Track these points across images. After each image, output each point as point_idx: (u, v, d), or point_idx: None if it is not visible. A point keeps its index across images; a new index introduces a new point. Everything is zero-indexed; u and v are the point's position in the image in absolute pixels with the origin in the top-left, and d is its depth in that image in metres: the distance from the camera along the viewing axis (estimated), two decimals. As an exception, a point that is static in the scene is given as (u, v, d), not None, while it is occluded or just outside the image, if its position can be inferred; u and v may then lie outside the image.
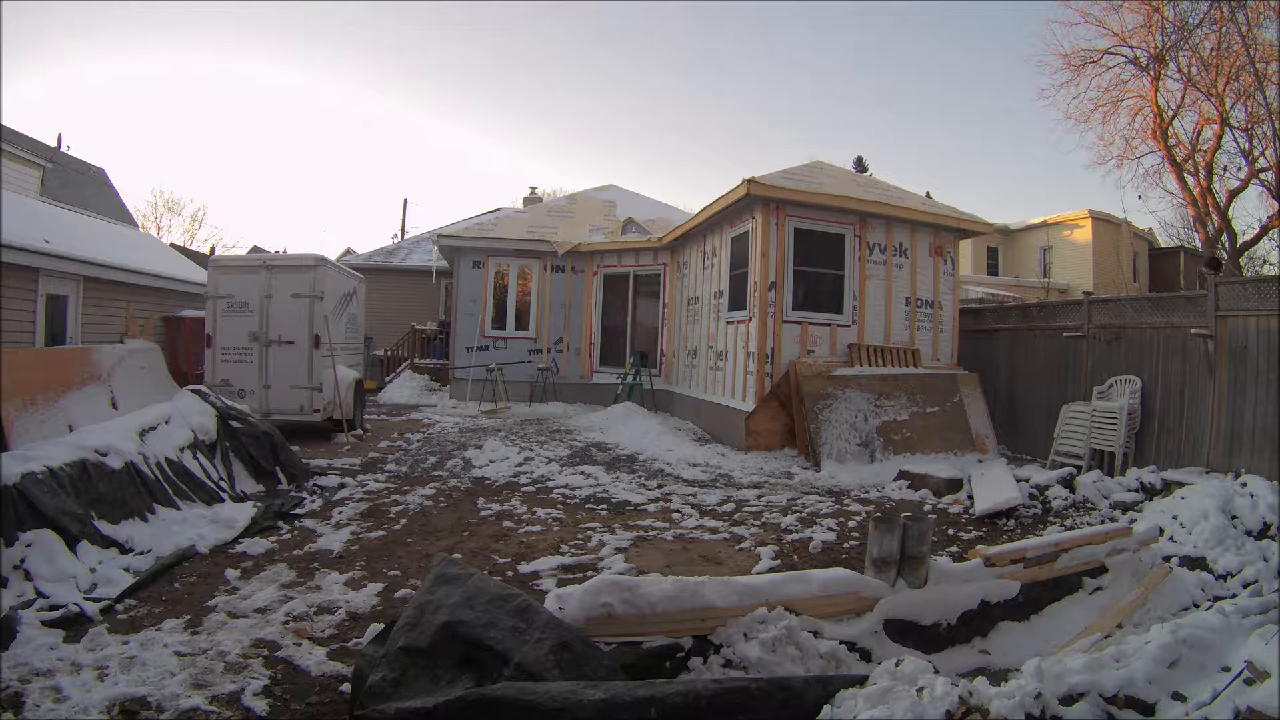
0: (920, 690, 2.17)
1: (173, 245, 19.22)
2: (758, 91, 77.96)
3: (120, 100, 57.25)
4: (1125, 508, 6.04)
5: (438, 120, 78.22)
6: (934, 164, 67.60)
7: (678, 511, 5.81)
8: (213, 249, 28.69)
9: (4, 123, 18.59)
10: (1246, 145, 15.77)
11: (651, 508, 5.95)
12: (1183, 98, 16.31)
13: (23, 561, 3.55)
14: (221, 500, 5.39)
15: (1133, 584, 3.82)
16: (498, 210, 22.74)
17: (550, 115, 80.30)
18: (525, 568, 4.32)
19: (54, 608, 3.32)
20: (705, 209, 10.38)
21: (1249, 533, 5.02)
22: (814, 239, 9.14)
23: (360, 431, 9.55)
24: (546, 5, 71.08)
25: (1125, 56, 16.81)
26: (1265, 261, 21.53)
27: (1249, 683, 2.19)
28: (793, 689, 2.26)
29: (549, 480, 6.86)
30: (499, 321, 14.00)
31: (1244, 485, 5.52)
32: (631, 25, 75.50)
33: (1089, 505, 6.20)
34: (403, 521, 5.32)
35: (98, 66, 56.37)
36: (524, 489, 6.51)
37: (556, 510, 5.76)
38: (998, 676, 2.47)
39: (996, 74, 63.77)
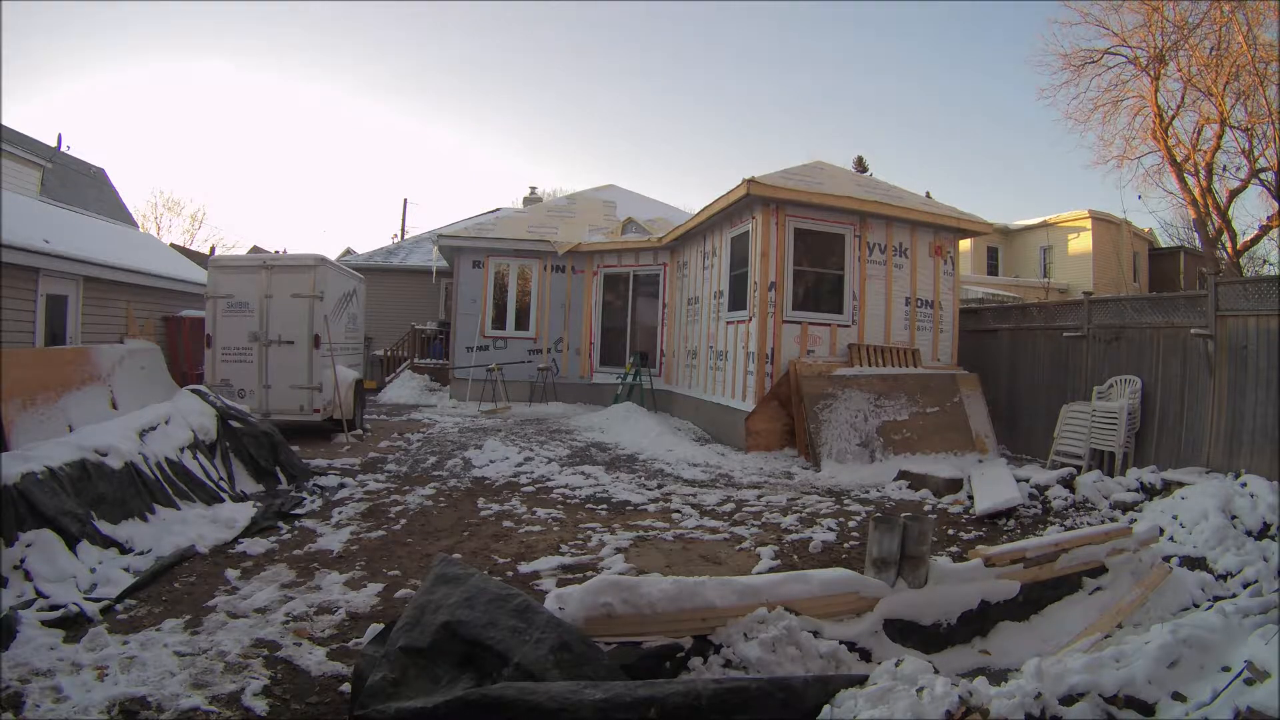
0: (920, 690, 2.17)
1: (173, 245, 19.21)
2: (758, 91, 78.00)
3: (120, 101, 57.28)
4: (1125, 508, 6.04)
5: (438, 120, 78.26)
6: (934, 164, 67.64)
7: (678, 511, 5.81)
8: (213, 249, 28.70)
9: (4, 123, 18.61)
10: (1246, 145, 15.77)
11: (651, 508, 5.95)
12: (1183, 98, 16.31)
13: (23, 561, 3.55)
14: (221, 500, 5.39)
15: (1133, 584, 3.82)
16: (498, 210, 22.74)
17: (550, 115, 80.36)
18: (525, 568, 4.32)
19: (54, 608, 3.32)
20: (705, 209, 10.38)
21: (1249, 533, 5.02)
22: (814, 239, 9.14)
23: (360, 431, 9.54)
24: (547, 5, 71.12)
25: (1125, 56, 16.81)
26: (1265, 261, 21.56)
27: (1249, 683, 2.19)
28: (793, 689, 2.26)
29: (549, 480, 6.86)
30: (499, 321, 14.00)
31: (1244, 485, 5.52)
32: (632, 25, 75.54)
33: (1089, 505, 6.20)
34: (403, 521, 5.32)
35: (98, 67, 56.39)
36: (524, 489, 6.51)
37: (556, 510, 5.76)
38: (998, 676, 2.47)
39: (996, 74, 63.80)
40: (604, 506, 5.94)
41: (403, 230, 28.28)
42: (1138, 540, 4.17)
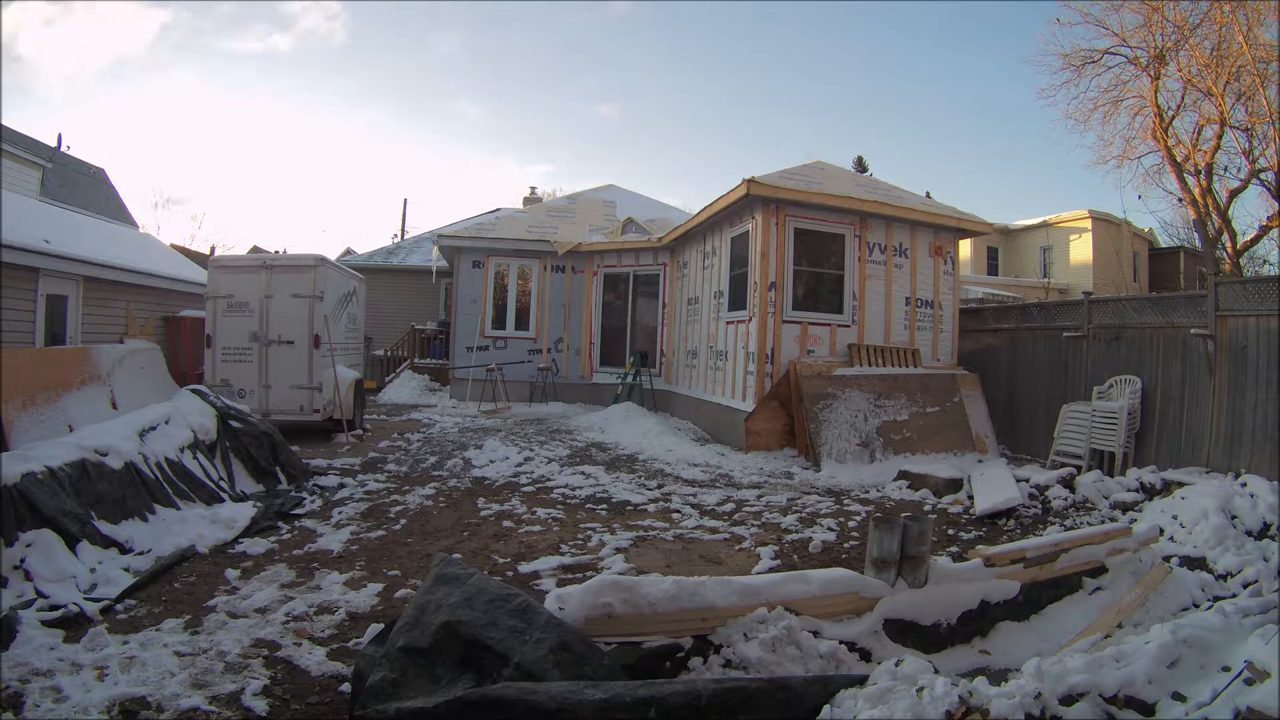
0: (920, 690, 2.17)
1: (173, 245, 19.20)
2: (758, 91, 77.99)
3: (120, 100, 57.27)
4: (1125, 508, 6.03)
5: (438, 120, 78.25)
6: (934, 164, 67.62)
7: (678, 511, 5.81)
8: (213, 249, 28.59)
9: (4, 123, 18.59)
10: (1246, 145, 15.75)
11: (651, 508, 5.95)
12: (1183, 98, 16.28)
13: (23, 561, 3.55)
14: (221, 500, 5.39)
15: (1133, 584, 3.82)
16: (498, 210, 22.72)
17: (550, 115, 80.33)
18: (525, 568, 4.32)
19: (54, 608, 3.32)
20: (705, 209, 10.38)
21: (1249, 533, 5.02)
22: (814, 239, 9.14)
23: (360, 431, 9.54)
24: (548, 5, 71.13)
25: (1125, 56, 16.78)
26: (1265, 261, 21.53)
27: (1249, 683, 2.19)
28: (793, 689, 2.26)
29: (549, 480, 6.86)
30: (499, 321, 14.00)
31: (1244, 485, 5.52)
32: (632, 25, 75.57)
33: (1089, 505, 6.19)
34: (403, 521, 5.32)
35: (98, 68, 56.37)
36: (524, 489, 6.51)
37: (556, 510, 5.75)
38: (998, 676, 2.47)
39: (996, 74, 63.76)
40: (604, 506, 5.94)
41: (403, 230, 28.32)
42: (1138, 540, 4.17)
